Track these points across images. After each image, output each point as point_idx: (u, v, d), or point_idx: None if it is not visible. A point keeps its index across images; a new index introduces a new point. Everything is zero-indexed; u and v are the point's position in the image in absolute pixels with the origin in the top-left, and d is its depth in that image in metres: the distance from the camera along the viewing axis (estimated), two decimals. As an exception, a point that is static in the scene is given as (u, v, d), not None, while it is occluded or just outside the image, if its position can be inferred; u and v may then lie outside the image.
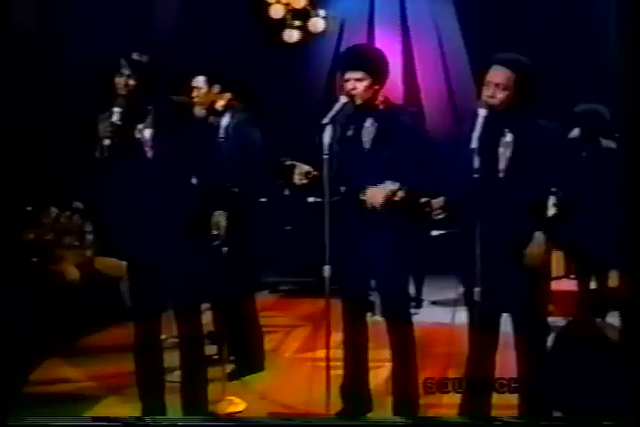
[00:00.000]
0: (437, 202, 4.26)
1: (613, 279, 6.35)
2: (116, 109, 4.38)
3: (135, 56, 4.47)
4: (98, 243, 7.28)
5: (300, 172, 4.53)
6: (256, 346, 5.81)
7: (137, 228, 4.50)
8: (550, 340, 4.50)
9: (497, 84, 4.28)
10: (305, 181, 4.53)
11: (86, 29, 7.99)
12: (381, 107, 4.63)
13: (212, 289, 5.39)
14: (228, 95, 5.70)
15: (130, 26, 8.05)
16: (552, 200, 4.17)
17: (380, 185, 4.42)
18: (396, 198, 4.40)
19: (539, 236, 4.21)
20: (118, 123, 4.36)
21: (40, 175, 7.43)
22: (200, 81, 5.74)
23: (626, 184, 4.33)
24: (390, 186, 4.41)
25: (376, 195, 4.44)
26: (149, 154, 4.47)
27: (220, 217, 4.62)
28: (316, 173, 4.47)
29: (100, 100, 4.48)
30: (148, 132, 4.48)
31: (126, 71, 4.43)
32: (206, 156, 4.70)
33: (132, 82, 4.43)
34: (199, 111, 5.54)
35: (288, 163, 4.59)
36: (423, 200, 4.29)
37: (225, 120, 5.66)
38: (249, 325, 5.77)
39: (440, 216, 4.29)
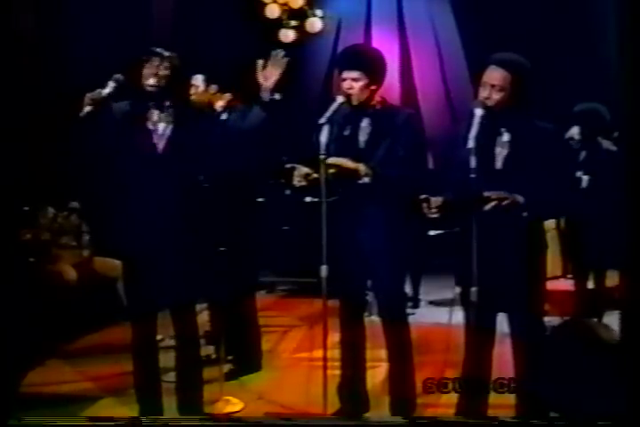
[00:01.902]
0: (436, 201, 4.25)
1: (610, 279, 6.35)
2: (110, 83, 4.38)
3: (160, 50, 4.52)
4: (95, 243, 7.28)
5: (300, 174, 4.53)
6: (254, 346, 5.81)
7: (134, 227, 4.50)
8: (547, 340, 4.49)
9: (493, 86, 4.27)
10: (304, 184, 4.52)
11: (84, 29, 7.98)
12: (378, 107, 4.63)
13: (209, 289, 5.39)
14: (227, 95, 5.70)
15: (126, 25, 8.04)
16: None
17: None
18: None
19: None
20: (106, 95, 4.35)
21: (37, 175, 7.42)
22: (199, 79, 5.75)
23: (625, 184, 4.32)
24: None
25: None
26: (158, 148, 4.48)
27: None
28: (315, 175, 4.46)
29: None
30: (161, 127, 4.50)
31: (156, 62, 4.45)
32: (216, 155, 4.71)
33: (160, 73, 4.45)
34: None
35: (288, 165, 4.59)
36: (422, 197, 4.27)
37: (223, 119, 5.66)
38: (248, 324, 5.76)
39: (435, 215, 4.27)
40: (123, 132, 4.45)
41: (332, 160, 4.40)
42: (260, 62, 4.64)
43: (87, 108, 4.31)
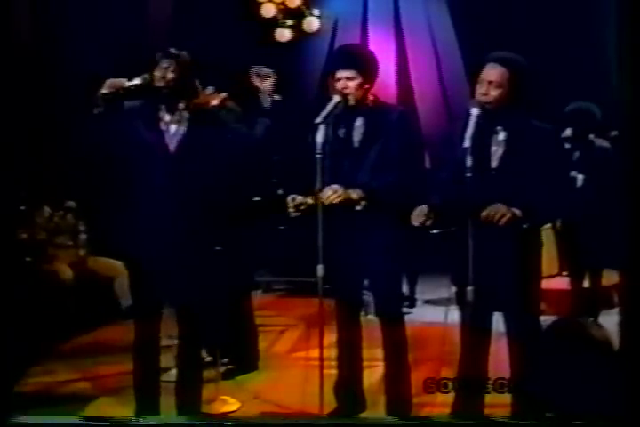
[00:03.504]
0: (422, 209, 4.29)
1: (606, 278, 6.36)
2: (136, 79, 4.42)
3: (174, 50, 4.51)
4: (92, 242, 7.28)
5: (293, 204, 4.54)
6: (251, 346, 5.81)
7: (137, 226, 4.50)
8: (543, 339, 4.49)
9: (490, 82, 4.29)
10: (298, 214, 4.54)
11: (80, 30, 7.98)
12: (371, 106, 4.64)
13: (208, 289, 5.38)
14: (222, 95, 5.69)
15: (122, 26, 8.04)
16: None
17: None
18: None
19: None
20: (126, 86, 4.37)
21: (34, 174, 7.42)
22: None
23: (622, 183, 4.33)
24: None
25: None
26: (170, 148, 4.48)
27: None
28: (310, 201, 4.47)
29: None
30: (173, 128, 4.49)
31: (164, 64, 4.44)
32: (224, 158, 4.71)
33: (169, 75, 4.45)
34: None
35: (289, 197, 4.59)
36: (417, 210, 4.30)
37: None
38: (245, 324, 5.76)
39: (417, 224, 4.32)
40: (134, 131, 4.45)
41: (324, 198, 4.40)
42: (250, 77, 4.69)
43: (103, 90, 4.33)
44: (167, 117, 4.51)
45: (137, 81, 4.41)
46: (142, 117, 4.49)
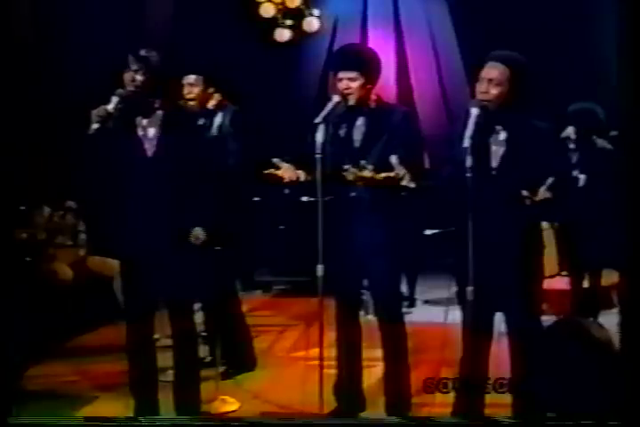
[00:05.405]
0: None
1: (606, 278, 6.36)
2: (114, 99, 4.36)
3: (143, 52, 4.46)
4: (92, 242, 7.28)
5: (287, 169, 4.55)
6: (245, 345, 5.79)
7: (130, 226, 4.50)
8: (543, 339, 4.49)
9: (490, 80, 4.29)
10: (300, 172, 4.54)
11: (81, 29, 7.99)
12: (373, 106, 4.63)
13: (203, 289, 5.39)
14: (217, 95, 5.69)
15: (122, 26, 8.04)
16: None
17: None
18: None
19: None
20: (111, 111, 4.34)
21: (34, 174, 7.42)
22: (192, 79, 5.69)
23: (623, 183, 4.33)
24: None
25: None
26: (150, 152, 4.47)
27: (199, 231, 4.54)
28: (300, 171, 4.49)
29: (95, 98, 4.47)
30: (151, 131, 4.48)
31: (134, 66, 4.41)
32: (208, 155, 4.71)
33: (139, 77, 4.41)
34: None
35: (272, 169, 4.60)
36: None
37: (217, 119, 5.66)
38: (237, 324, 5.75)
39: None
40: (115, 138, 4.42)
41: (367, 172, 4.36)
42: None
43: (95, 126, 4.30)
44: (144, 122, 4.49)
45: (116, 99, 4.36)
46: (121, 124, 4.44)
